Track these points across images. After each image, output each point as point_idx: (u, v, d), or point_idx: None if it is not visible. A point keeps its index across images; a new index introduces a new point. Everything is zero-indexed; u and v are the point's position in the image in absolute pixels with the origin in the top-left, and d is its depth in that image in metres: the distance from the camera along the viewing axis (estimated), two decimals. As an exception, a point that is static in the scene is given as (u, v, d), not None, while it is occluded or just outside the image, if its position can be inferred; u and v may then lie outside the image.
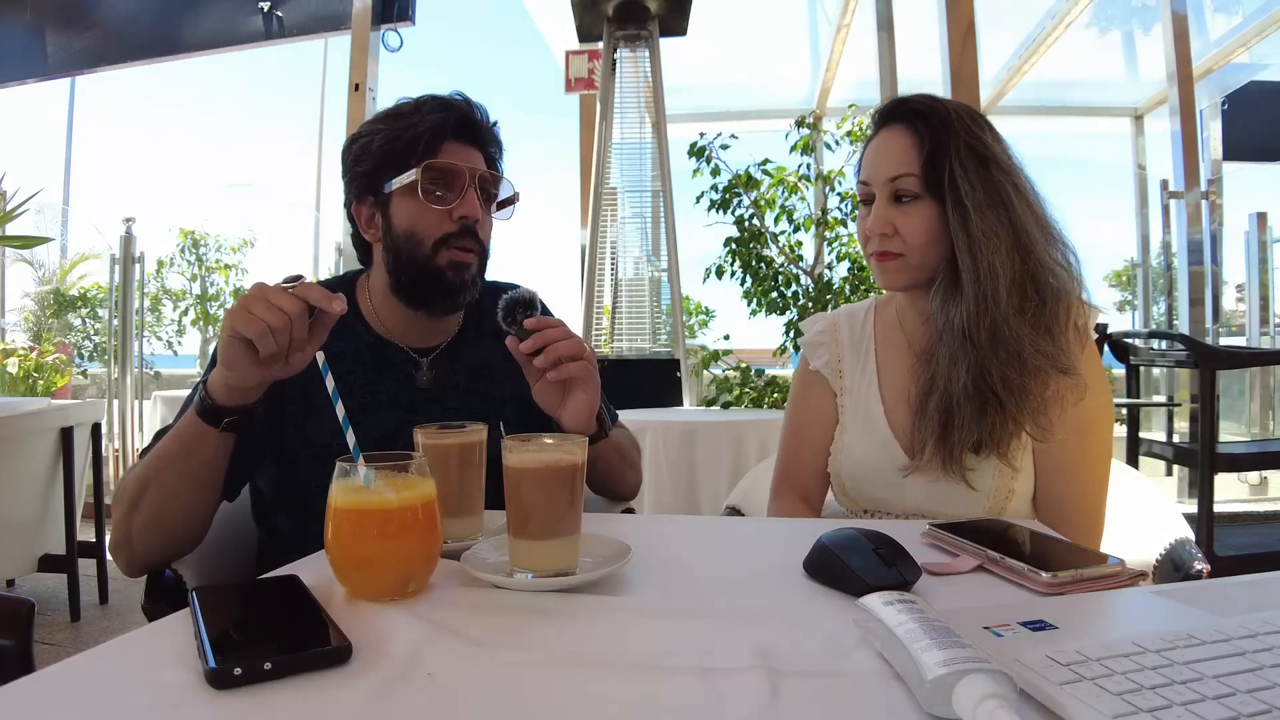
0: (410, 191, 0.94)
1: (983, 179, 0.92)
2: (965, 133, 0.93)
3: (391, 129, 0.95)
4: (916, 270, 0.97)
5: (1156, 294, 4.77)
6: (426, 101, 0.96)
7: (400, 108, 0.97)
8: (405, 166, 0.94)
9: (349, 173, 0.99)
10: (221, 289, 6.12)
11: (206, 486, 0.85)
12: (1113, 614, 0.53)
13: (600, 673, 0.47)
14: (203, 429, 0.80)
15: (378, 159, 0.95)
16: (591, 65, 3.78)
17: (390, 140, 0.94)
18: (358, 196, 0.98)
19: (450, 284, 0.96)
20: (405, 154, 0.94)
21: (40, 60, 4.29)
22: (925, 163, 0.93)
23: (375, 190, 0.97)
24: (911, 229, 0.95)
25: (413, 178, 0.93)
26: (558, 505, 0.64)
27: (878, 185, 0.97)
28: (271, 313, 0.71)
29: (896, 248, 0.96)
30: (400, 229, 0.95)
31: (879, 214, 0.96)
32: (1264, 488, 3.71)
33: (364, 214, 0.99)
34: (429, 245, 0.94)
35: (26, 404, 2.72)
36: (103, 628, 2.42)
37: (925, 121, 0.94)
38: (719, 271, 3.74)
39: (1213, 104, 4.34)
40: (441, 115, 0.95)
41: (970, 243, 0.91)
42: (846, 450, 1.04)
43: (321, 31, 3.91)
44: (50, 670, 0.46)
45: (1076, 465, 0.96)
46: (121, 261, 3.98)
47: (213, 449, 0.81)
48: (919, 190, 0.94)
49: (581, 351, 0.89)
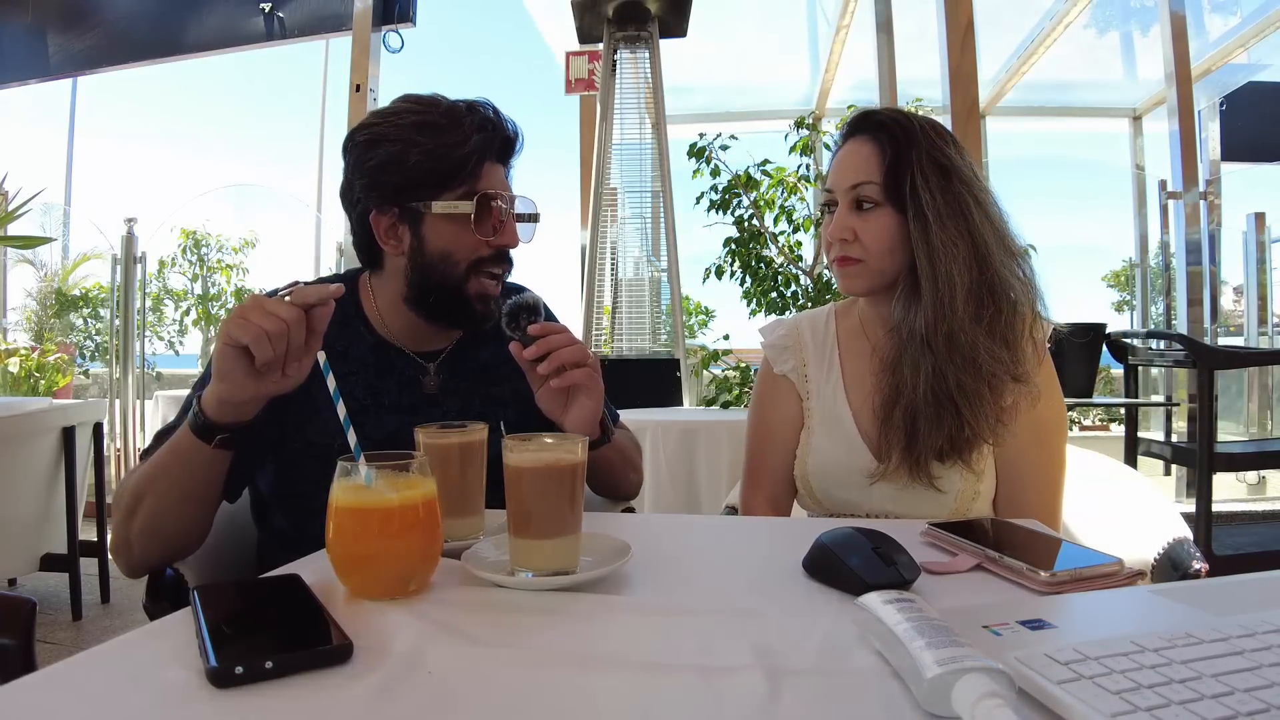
0: (454, 217, 0.91)
1: (944, 190, 0.94)
2: (929, 145, 0.96)
3: (433, 146, 0.90)
4: (876, 276, 0.99)
5: (1155, 294, 4.77)
6: (465, 115, 0.92)
7: (432, 114, 0.92)
8: (447, 188, 0.91)
9: (367, 178, 0.93)
10: (223, 289, 6.12)
11: (203, 499, 0.84)
12: (1111, 613, 0.53)
13: (600, 672, 0.47)
14: (196, 444, 0.78)
15: (415, 175, 0.91)
16: (592, 66, 3.78)
17: (432, 159, 0.90)
18: (378, 205, 0.93)
19: (477, 315, 0.96)
20: (448, 176, 0.91)
21: (42, 61, 4.29)
22: (887, 172, 0.96)
23: (402, 204, 0.92)
24: (872, 235, 0.97)
25: (467, 208, 0.91)
26: (558, 504, 0.64)
27: (840, 192, 0.99)
28: (268, 319, 0.71)
29: (856, 253, 0.98)
30: (435, 250, 0.93)
31: (840, 220, 0.99)
32: (1262, 487, 3.71)
33: (384, 224, 0.94)
34: (463, 268, 0.93)
35: (28, 404, 2.72)
36: (104, 627, 2.42)
37: (888, 133, 0.97)
38: (719, 271, 3.74)
39: (1211, 104, 4.34)
40: (485, 136, 0.92)
41: (929, 251, 0.94)
42: (814, 453, 1.05)
43: (322, 32, 3.92)
44: (52, 669, 0.46)
45: (1034, 470, 0.99)
46: (123, 261, 3.99)
47: (207, 464, 0.80)
48: (879, 198, 0.97)
49: (585, 358, 0.89)
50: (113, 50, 4.22)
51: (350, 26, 3.71)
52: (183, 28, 4.13)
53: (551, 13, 4.20)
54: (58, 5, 4.28)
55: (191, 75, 29.26)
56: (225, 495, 0.94)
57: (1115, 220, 5.37)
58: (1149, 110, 4.92)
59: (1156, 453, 3.06)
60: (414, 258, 0.94)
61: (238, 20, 4.00)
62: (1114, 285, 6.62)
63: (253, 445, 0.93)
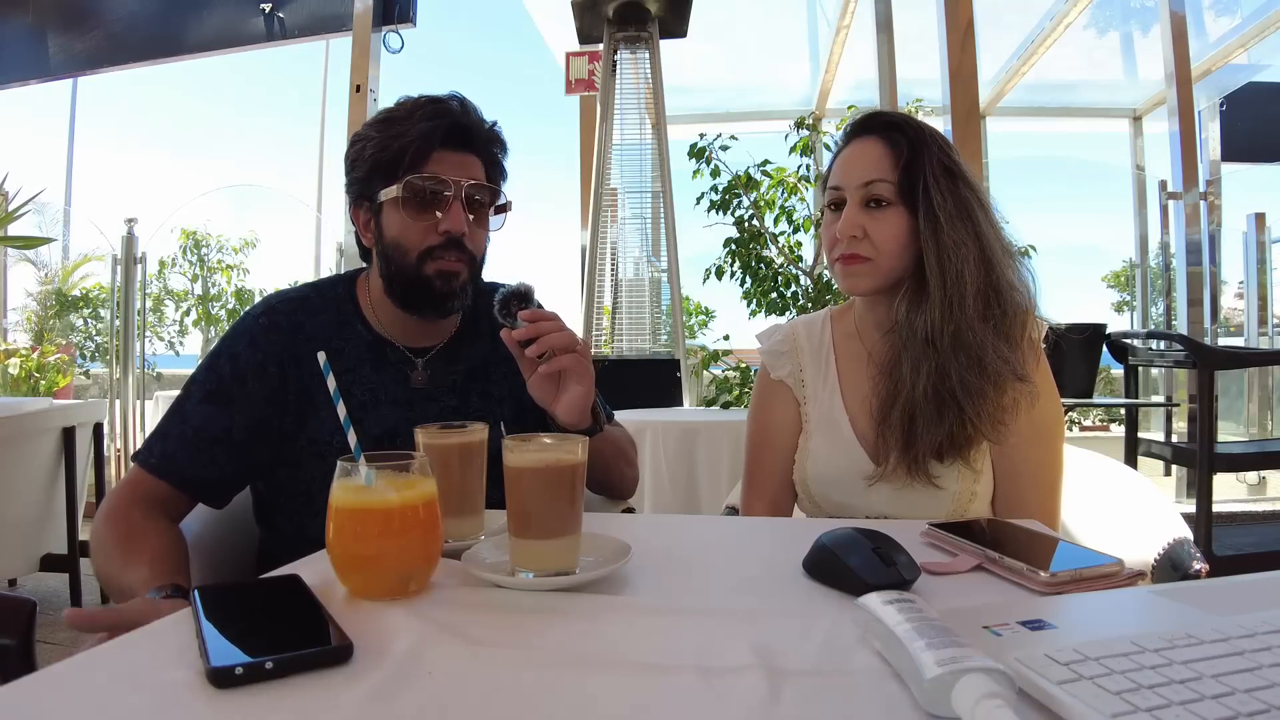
0: (396, 203, 0.93)
1: (953, 193, 0.95)
2: (937, 148, 0.97)
3: (382, 137, 0.93)
4: (883, 275, 0.98)
5: (1155, 294, 4.77)
6: (420, 107, 0.94)
7: (394, 112, 0.96)
8: (393, 178, 0.93)
9: (348, 176, 0.99)
10: (223, 289, 6.12)
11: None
12: (1112, 613, 0.53)
13: (600, 672, 0.47)
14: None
15: (369, 167, 0.94)
16: (592, 67, 3.78)
17: (380, 149, 0.93)
18: (355, 201, 0.99)
19: (439, 292, 0.95)
20: (393, 165, 0.93)
21: (42, 61, 4.29)
22: (901, 171, 0.96)
23: (370, 197, 0.96)
24: (883, 234, 0.97)
25: (395, 193, 0.92)
26: (558, 505, 0.64)
27: (850, 189, 0.99)
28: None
29: (866, 251, 0.97)
30: (389, 239, 0.95)
31: (850, 217, 0.98)
32: (1262, 487, 3.71)
33: (360, 218, 0.99)
34: (414, 256, 0.94)
35: (28, 404, 2.72)
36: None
37: (901, 133, 0.98)
38: (719, 272, 3.75)
39: (1211, 105, 4.35)
40: (431, 124, 0.93)
41: (940, 251, 0.94)
42: (812, 458, 1.05)
43: (323, 33, 3.92)
44: (52, 669, 0.46)
45: (1033, 469, 0.99)
46: (123, 262, 3.99)
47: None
48: (892, 197, 0.96)
49: (574, 344, 0.89)
50: (113, 51, 4.22)
51: (350, 27, 3.71)
52: (183, 28, 4.14)
53: (551, 13, 4.20)
54: (58, 5, 4.28)
55: (192, 76, 29.30)
56: (214, 504, 0.95)
57: (1115, 221, 5.38)
58: (1149, 111, 4.93)
59: (1157, 453, 3.06)
60: (379, 248, 0.97)
61: (238, 21, 4.01)
62: (1114, 286, 6.63)
63: (241, 463, 0.94)
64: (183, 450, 0.91)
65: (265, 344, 0.95)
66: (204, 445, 0.91)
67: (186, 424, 0.92)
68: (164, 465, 0.91)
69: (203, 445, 0.91)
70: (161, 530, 0.88)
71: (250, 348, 0.94)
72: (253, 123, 44.97)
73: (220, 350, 0.96)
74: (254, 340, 0.95)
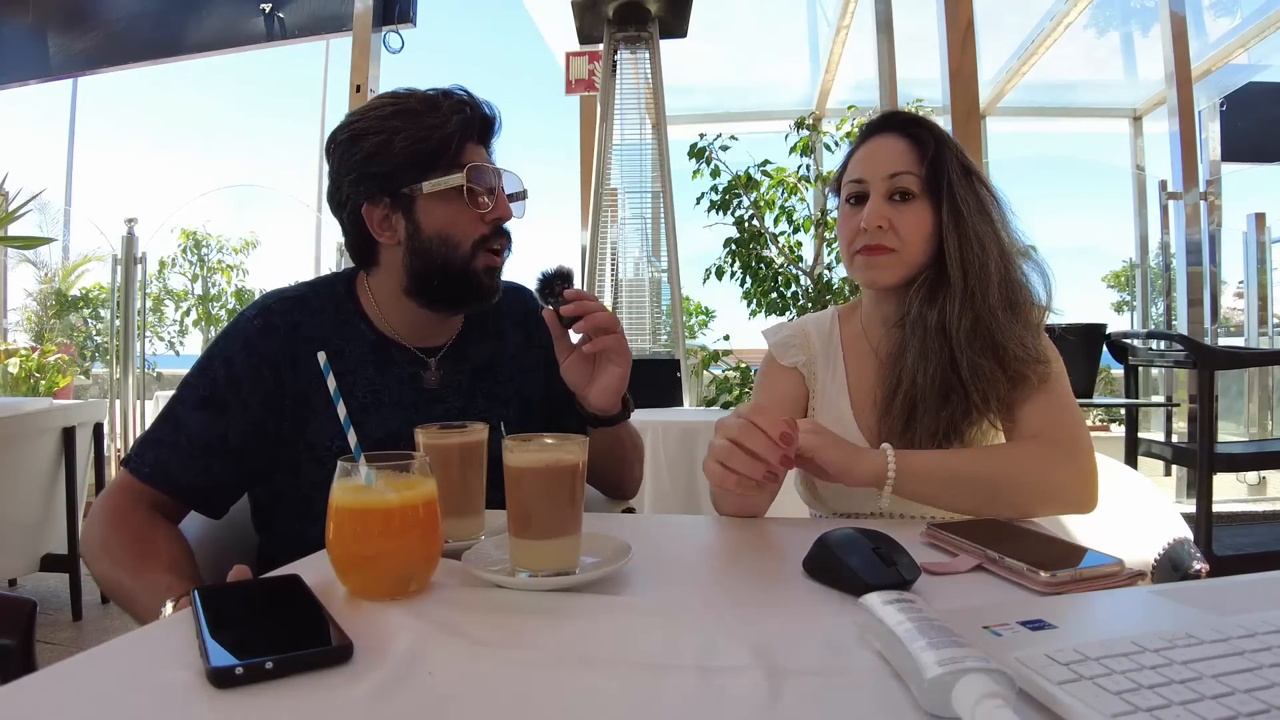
0: (446, 195, 0.91)
1: (973, 189, 0.98)
2: (955, 147, 1.00)
3: (415, 129, 0.90)
4: (906, 268, 0.99)
5: (1155, 294, 4.77)
6: (442, 100, 0.93)
7: (409, 103, 0.92)
8: (434, 168, 0.91)
9: (355, 172, 0.92)
10: (223, 289, 6.13)
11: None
12: (1112, 613, 0.53)
13: (600, 672, 0.47)
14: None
15: (400, 160, 0.90)
16: (592, 67, 3.78)
17: (416, 141, 0.90)
18: (369, 198, 0.92)
19: (485, 288, 0.95)
20: (435, 155, 0.91)
21: (43, 61, 4.29)
22: (928, 165, 0.98)
23: (393, 191, 0.92)
24: (909, 227, 0.98)
25: (458, 181, 0.90)
26: (558, 505, 0.64)
27: (875, 181, 1.00)
28: None
29: (891, 243, 0.98)
30: (432, 232, 0.92)
31: (875, 209, 0.98)
32: (1262, 488, 3.71)
33: (377, 215, 0.93)
34: (467, 247, 0.93)
35: (28, 404, 2.72)
36: (104, 627, 2.42)
37: (925, 129, 1.00)
38: (719, 272, 3.74)
39: (1211, 105, 4.35)
40: (464, 116, 0.92)
41: (962, 244, 0.96)
42: None
43: (323, 33, 3.93)
44: (52, 669, 0.46)
45: (1048, 406, 0.94)
46: (123, 262, 3.99)
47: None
48: (918, 190, 0.98)
49: (616, 325, 0.90)
50: (113, 51, 4.23)
51: (350, 27, 3.72)
52: (183, 28, 4.14)
53: (552, 13, 4.20)
54: (58, 5, 4.28)
55: (192, 76, 29.29)
56: (210, 514, 0.94)
57: (1115, 220, 5.38)
58: (1149, 111, 4.93)
59: (1157, 453, 3.06)
60: (411, 244, 0.93)
61: (238, 21, 4.01)
62: (1114, 286, 6.63)
63: (238, 470, 0.93)
64: (176, 458, 0.89)
65: (261, 347, 0.92)
66: (198, 453, 0.89)
67: (180, 431, 0.90)
68: (156, 474, 0.88)
69: (197, 453, 0.89)
70: (172, 535, 0.87)
71: (245, 351, 0.92)
72: (253, 123, 44.94)
73: (214, 354, 0.93)
74: (249, 343, 0.92)
